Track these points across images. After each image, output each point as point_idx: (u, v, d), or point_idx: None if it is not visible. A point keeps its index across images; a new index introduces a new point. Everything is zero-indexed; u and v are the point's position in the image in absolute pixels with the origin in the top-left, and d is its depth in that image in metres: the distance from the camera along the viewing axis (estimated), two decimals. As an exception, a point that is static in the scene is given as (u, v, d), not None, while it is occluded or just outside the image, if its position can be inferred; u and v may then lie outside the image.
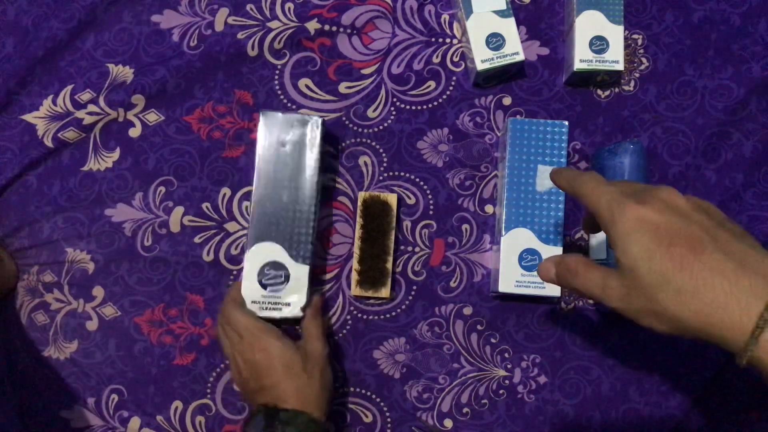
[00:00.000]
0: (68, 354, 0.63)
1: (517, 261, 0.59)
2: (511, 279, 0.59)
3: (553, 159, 0.60)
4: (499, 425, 0.62)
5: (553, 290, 0.58)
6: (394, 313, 0.64)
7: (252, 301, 0.58)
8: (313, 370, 0.55)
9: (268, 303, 0.58)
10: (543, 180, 0.60)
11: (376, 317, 0.63)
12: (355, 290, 0.61)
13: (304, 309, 0.58)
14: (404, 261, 0.64)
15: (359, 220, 0.61)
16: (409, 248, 0.64)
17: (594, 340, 0.63)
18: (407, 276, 0.64)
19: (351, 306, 0.64)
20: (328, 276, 0.64)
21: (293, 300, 0.58)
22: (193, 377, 0.63)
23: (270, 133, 0.59)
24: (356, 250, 0.61)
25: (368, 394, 0.63)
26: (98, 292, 0.64)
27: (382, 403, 0.63)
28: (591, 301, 0.63)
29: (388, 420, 0.63)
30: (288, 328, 0.62)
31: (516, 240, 0.59)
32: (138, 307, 0.63)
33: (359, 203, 0.61)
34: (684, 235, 0.37)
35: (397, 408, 0.63)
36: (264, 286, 0.58)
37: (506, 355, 0.63)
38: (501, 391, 0.63)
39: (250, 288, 0.58)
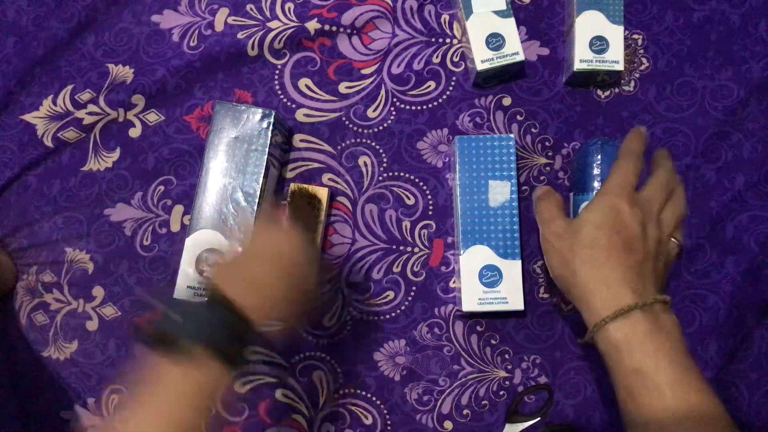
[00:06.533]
0: (68, 354, 0.63)
1: (477, 279, 0.59)
2: (474, 297, 0.59)
3: (503, 173, 0.60)
4: (499, 426, 0.62)
5: (516, 304, 0.58)
6: (393, 314, 0.63)
7: (188, 286, 0.59)
8: None
9: (204, 290, 0.58)
10: (495, 195, 0.60)
11: (375, 318, 0.63)
12: None
13: None
14: (403, 261, 0.64)
15: (286, 213, 0.61)
16: (409, 248, 0.64)
17: (594, 340, 0.63)
18: (406, 276, 0.64)
19: (350, 306, 0.63)
20: (328, 276, 0.64)
21: None
22: (193, 377, 0.62)
23: (222, 124, 0.60)
24: None
25: (368, 395, 0.63)
26: (98, 292, 0.64)
27: (382, 405, 0.63)
28: None
29: (388, 422, 0.62)
30: None
31: (475, 258, 0.59)
32: (138, 307, 0.63)
33: (288, 195, 0.61)
34: (629, 235, 0.47)
35: (397, 410, 0.63)
36: (201, 273, 0.59)
37: (506, 356, 0.63)
38: (501, 392, 0.63)
39: (186, 273, 0.59)
